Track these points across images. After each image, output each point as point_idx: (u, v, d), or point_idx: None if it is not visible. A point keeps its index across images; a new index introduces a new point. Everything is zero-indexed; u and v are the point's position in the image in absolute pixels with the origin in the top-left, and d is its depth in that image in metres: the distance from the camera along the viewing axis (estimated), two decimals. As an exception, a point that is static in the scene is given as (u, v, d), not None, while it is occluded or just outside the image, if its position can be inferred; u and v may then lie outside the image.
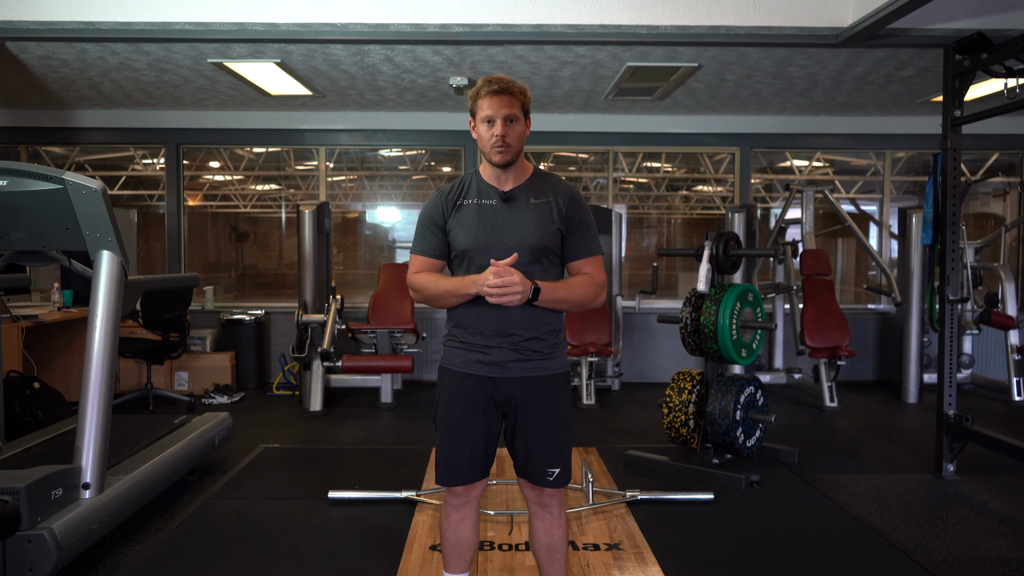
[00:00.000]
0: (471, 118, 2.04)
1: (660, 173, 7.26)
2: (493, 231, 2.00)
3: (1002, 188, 7.18)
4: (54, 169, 2.82)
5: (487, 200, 2.03)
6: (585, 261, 2.06)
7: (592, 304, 2.07)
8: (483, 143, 2.00)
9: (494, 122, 1.96)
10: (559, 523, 2.16)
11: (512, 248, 1.96)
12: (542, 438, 2.04)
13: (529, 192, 2.04)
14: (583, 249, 2.05)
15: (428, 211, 2.08)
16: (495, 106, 1.95)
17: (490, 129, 1.96)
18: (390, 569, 2.74)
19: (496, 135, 1.95)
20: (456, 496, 2.13)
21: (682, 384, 4.18)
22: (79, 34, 4.12)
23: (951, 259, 3.87)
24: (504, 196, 2.02)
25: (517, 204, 2.02)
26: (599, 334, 5.82)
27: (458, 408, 2.05)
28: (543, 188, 2.05)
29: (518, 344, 2.00)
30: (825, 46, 4.29)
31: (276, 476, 3.87)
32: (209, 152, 6.97)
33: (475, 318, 2.01)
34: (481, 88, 1.98)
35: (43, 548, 2.41)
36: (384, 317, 5.99)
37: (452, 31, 4.05)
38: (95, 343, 2.85)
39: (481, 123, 1.99)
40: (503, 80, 1.97)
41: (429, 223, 2.07)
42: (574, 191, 2.08)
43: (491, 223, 2.01)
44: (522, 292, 1.88)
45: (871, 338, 6.66)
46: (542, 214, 2.01)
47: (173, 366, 6.00)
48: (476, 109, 2.00)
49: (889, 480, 3.87)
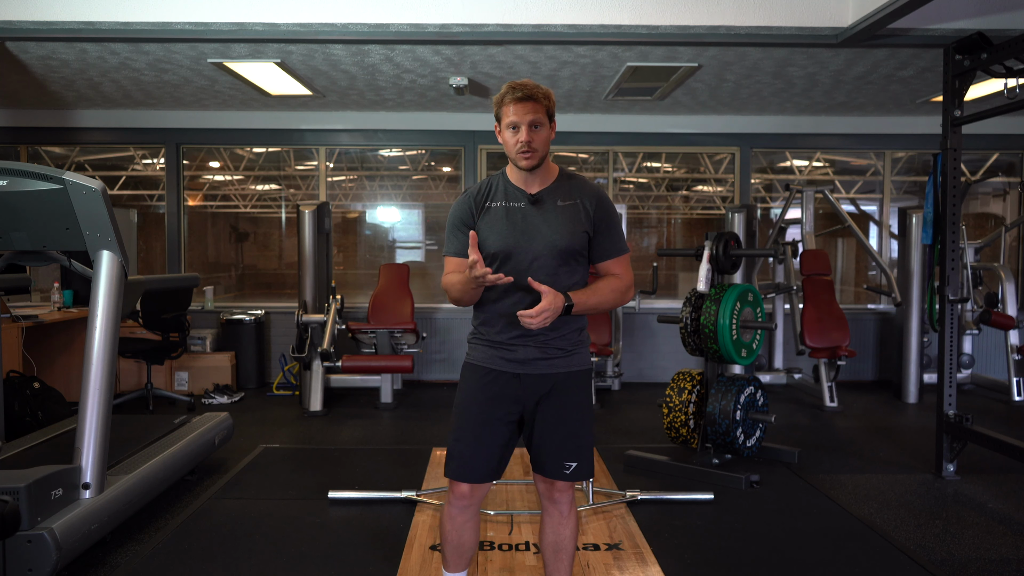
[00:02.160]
0: (496, 123, 2.05)
1: (660, 173, 7.26)
2: (522, 233, 2.02)
3: (1002, 188, 7.18)
4: (54, 169, 2.82)
5: (515, 203, 2.05)
6: (614, 262, 2.10)
7: (622, 303, 2.11)
8: (509, 148, 2.02)
9: (519, 128, 1.98)
10: (568, 523, 2.14)
11: (541, 250, 2.00)
12: (560, 430, 2.06)
13: (556, 195, 2.06)
14: (613, 249, 2.09)
15: (457, 212, 2.10)
16: (520, 112, 1.97)
17: (515, 135, 1.99)
18: (390, 569, 2.74)
19: (522, 141, 1.97)
20: (462, 498, 2.11)
21: (682, 384, 4.18)
22: (79, 34, 4.12)
23: (951, 259, 3.87)
24: (532, 199, 2.04)
25: (545, 207, 2.04)
26: (599, 334, 5.82)
27: (481, 404, 2.06)
28: (570, 190, 2.07)
29: (542, 343, 2.04)
30: (825, 46, 4.29)
31: (276, 476, 3.87)
32: (209, 152, 6.97)
33: (501, 318, 2.04)
34: (506, 95, 1.99)
35: (43, 548, 2.41)
36: (384, 317, 5.99)
37: (452, 31, 4.06)
38: (95, 343, 2.86)
39: (507, 129, 2.01)
40: (528, 86, 1.99)
41: (459, 223, 2.08)
42: (601, 192, 2.11)
43: (519, 226, 2.03)
44: (553, 313, 1.91)
45: (871, 338, 6.66)
46: (570, 216, 2.04)
47: (173, 366, 6.00)
48: (501, 115, 2.02)
49: (889, 480, 3.87)
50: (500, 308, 2.04)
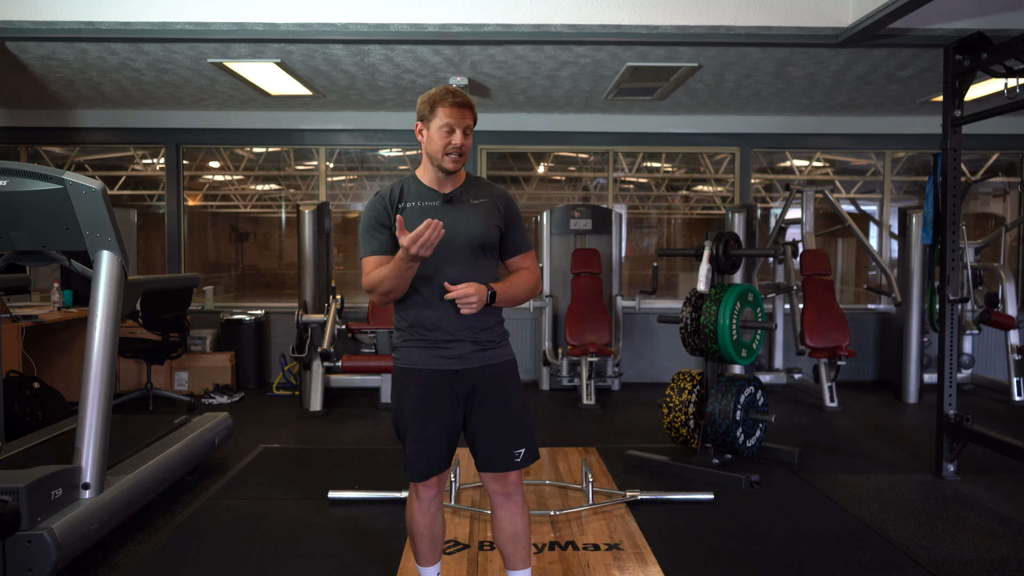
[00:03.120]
0: (419, 121, 2.14)
1: (660, 173, 7.26)
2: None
3: (1002, 188, 7.18)
4: (54, 169, 2.82)
5: (430, 202, 2.14)
6: (523, 256, 2.25)
7: (534, 295, 2.26)
8: (434, 148, 2.10)
9: (454, 131, 2.08)
10: (523, 512, 2.23)
11: (460, 243, 2.10)
12: (505, 418, 2.15)
13: (468, 194, 2.18)
14: (522, 245, 2.24)
15: (371, 214, 2.16)
16: (456, 116, 2.07)
17: (447, 137, 2.08)
18: (390, 569, 2.74)
19: (454, 144, 2.08)
20: (429, 488, 2.20)
21: (682, 384, 4.18)
22: (79, 34, 4.12)
23: (951, 259, 3.87)
24: (446, 198, 2.15)
25: (459, 205, 2.16)
26: (599, 334, 5.83)
27: (422, 404, 2.13)
28: (481, 190, 2.21)
29: (476, 338, 2.13)
30: (825, 46, 4.29)
31: (276, 476, 3.87)
32: (209, 152, 6.97)
33: (434, 317, 2.11)
34: (444, 97, 2.08)
35: (43, 548, 2.41)
36: (384, 317, 5.99)
37: (452, 31, 4.06)
38: (95, 343, 2.86)
39: (437, 130, 2.09)
40: (463, 94, 2.11)
41: (375, 224, 2.14)
42: (507, 193, 2.27)
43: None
44: (478, 299, 2.03)
45: (871, 338, 6.66)
46: (485, 213, 2.16)
47: (173, 366, 6.00)
48: (432, 116, 2.10)
49: (889, 480, 3.87)
50: (432, 310, 2.11)
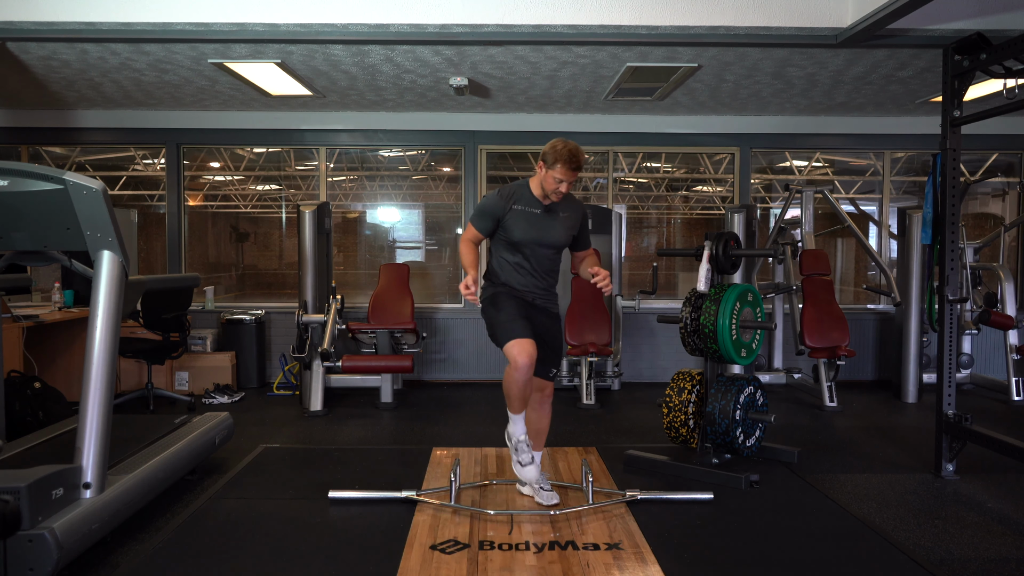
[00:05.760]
0: (541, 161, 3.07)
1: (660, 173, 7.26)
2: (538, 231, 3.17)
3: (1001, 188, 7.18)
4: (55, 169, 2.82)
5: (533, 209, 3.17)
6: (587, 251, 3.44)
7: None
8: (547, 186, 3.08)
9: (562, 183, 3.06)
10: (547, 414, 3.42)
11: (550, 243, 3.20)
12: (552, 349, 3.31)
13: (560, 207, 3.21)
14: (587, 243, 3.43)
15: (491, 203, 3.16)
16: (567, 176, 3.04)
17: (556, 184, 3.06)
18: (390, 569, 2.74)
19: (559, 192, 3.10)
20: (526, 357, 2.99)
21: (682, 384, 4.18)
22: (80, 35, 4.12)
23: (950, 259, 3.87)
24: (545, 209, 3.19)
25: (552, 215, 3.19)
26: (599, 334, 5.83)
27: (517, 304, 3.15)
28: (568, 206, 3.24)
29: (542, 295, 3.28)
30: (825, 46, 4.30)
31: (276, 476, 3.87)
32: (209, 152, 6.97)
33: (523, 281, 3.22)
34: (565, 160, 3.00)
35: (44, 548, 2.42)
36: (384, 317, 5.99)
37: (452, 31, 4.06)
38: (95, 343, 2.86)
39: (551, 177, 3.05)
40: (579, 159, 3.01)
41: (490, 211, 3.16)
42: (585, 210, 3.33)
43: (536, 226, 3.17)
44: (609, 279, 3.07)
45: (871, 338, 6.66)
46: (569, 225, 3.24)
47: (173, 366, 6.01)
48: (551, 166, 3.03)
49: (889, 480, 3.87)
50: (518, 276, 3.22)
